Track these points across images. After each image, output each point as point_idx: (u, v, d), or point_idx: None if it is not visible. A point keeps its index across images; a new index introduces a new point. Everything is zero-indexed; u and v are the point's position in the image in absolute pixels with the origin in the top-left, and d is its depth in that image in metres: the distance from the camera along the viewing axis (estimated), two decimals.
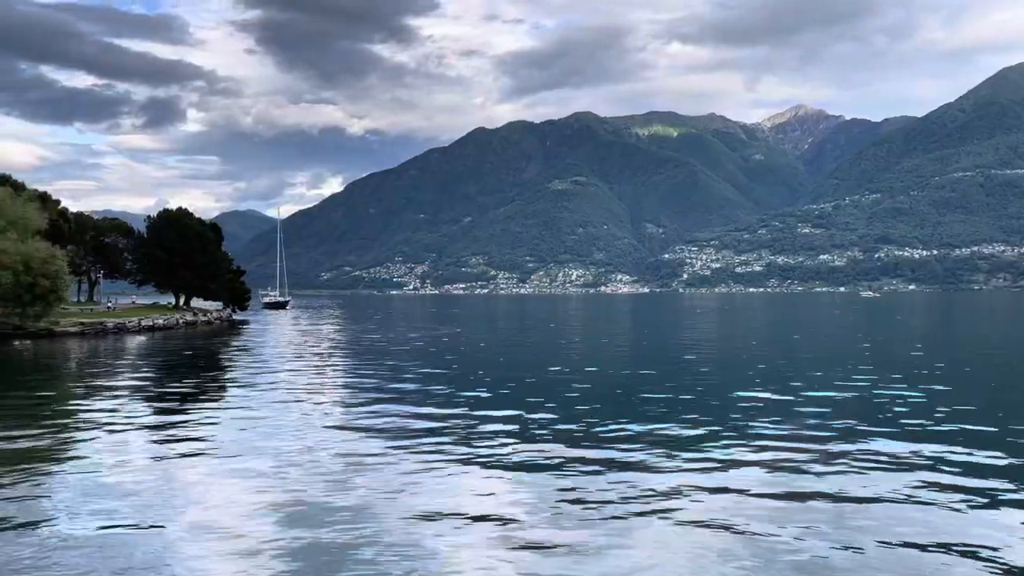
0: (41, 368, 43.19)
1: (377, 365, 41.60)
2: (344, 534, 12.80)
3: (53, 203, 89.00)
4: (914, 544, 12.32)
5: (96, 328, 67.79)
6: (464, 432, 21.67)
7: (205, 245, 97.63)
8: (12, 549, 12.03)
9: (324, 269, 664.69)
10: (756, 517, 13.68)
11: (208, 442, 20.63)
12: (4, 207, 60.37)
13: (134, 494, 15.31)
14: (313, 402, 27.93)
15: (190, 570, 11.33)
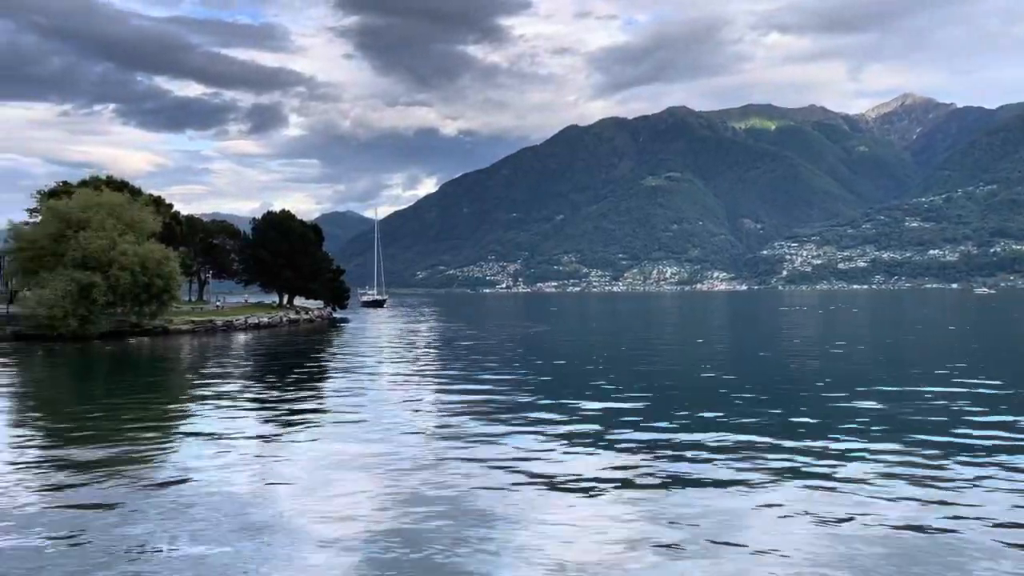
0: (156, 363, 45.64)
1: (473, 360, 42.08)
2: (445, 527, 13.02)
3: (166, 207, 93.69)
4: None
5: (206, 326, 71.05)
6: (568, 427, 21.69)
7: (307, 246, 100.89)
8: (141, 517, 12.77)
9: (419, 268, 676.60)
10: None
11: (311, 435, 21.34)
12: (122, 211, 63.90)
13: (241, 477, 16.01)
14: (414, 398, 28.50)
15: (298, 561, 11.76)
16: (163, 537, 12.50)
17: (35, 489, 15.56)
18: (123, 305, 61.36)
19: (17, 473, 16.96)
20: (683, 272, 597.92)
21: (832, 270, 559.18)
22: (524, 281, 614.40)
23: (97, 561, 11.44)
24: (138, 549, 11.94)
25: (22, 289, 67.35)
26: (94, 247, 58.76)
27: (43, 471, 17.15)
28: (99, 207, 62.34)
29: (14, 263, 65.87)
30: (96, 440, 20.49)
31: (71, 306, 56.34)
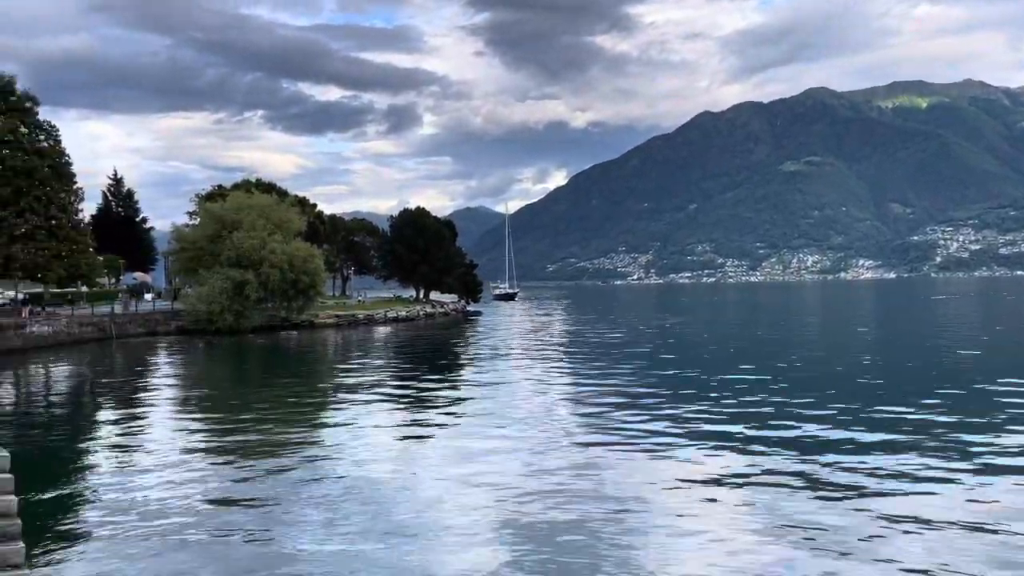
0: (305, 355, 48.19)
1: (606, 352, 41.94)
2: (583, 522, 13.09)
3: (311, 207, 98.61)
4: None
5: (349, 320, 74.30)
6: (709, 423, 21.30)
7: (441, 241, 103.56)
8: (292, 498, 13.58)
9: (550, 261, 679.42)
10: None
11: (451, 426, 21.95)
12: (271, 212, 67.81)
13: (380, 466, 16.69)
14: (548, 390, 28.75)
15: (437, 554, 12.15)
16: (310, 529, 13.20)
17: (194, 478, 16.79)
18: (273, 301, 65.13)
19: (177, 462, 18.35)
20: (825, 261, 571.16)
21: (992, 255, 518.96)
22: (656, 272, 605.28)
23: (247, 555, 12.22)
24: (289, 542, 12.66)
25: (184, 287, 72.69)
26: (246, 246, 62.61)
27: (202, 459, 18.49)
28: (250, 208, 66.37)
29: (177, 263, 71.26)
30: (251, 430, 21.88)
31: (227, 302, 60.30)
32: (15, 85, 57.05)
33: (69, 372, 39.15)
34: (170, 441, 20.46)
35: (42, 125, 58.24)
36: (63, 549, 11.86)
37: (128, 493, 15.05)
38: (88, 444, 20.96)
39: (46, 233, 55.08)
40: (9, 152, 54.21)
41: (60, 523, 13.16)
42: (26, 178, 54.28)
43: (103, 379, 35.66)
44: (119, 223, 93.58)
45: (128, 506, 14.15)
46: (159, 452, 19.00)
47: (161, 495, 14.79)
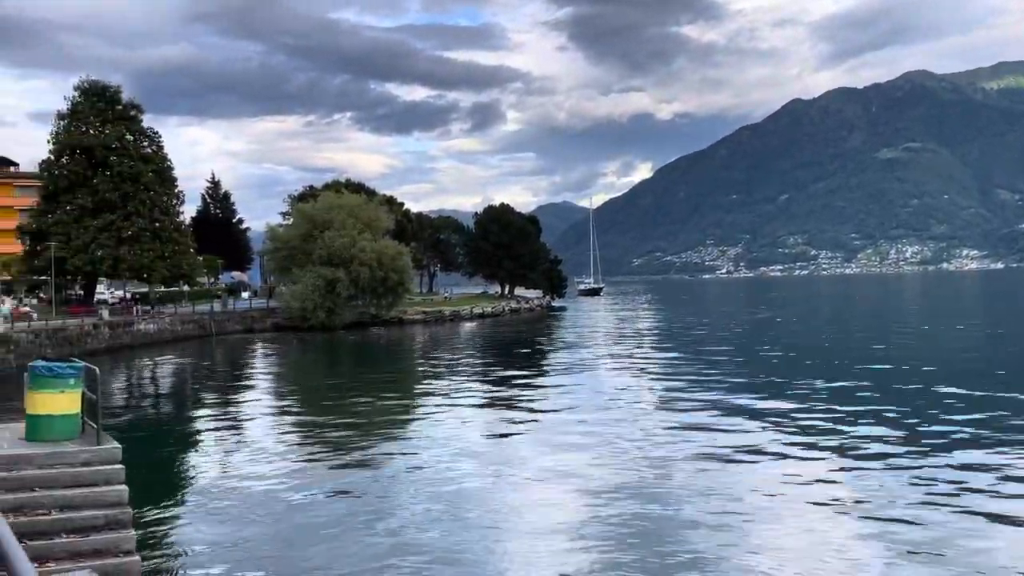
0: (395, 350, 49.19)
1: (692, 349, 41.30)
2: (663, 520, 12.95)
3: (398, 205, 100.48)
4: None
5: (436, 316, 75.39)
6: (790, 421, 20.75)
7: (525, 237, 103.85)
8: (379, 490, 13.92)
9: (635, 255, 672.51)
10: None
11: (535, 421, 22.03)
12: (360, 211, 69.39)
13: (471, 460, 16.89)
14: (634, 385, 28.53)
15: (520, 546, 12.23)
16: (405, 522, 13.47)
17: (292, 470, 17.36)
18: (363, 298, 66.65)
19: (277, 455, 19.01)
20: (926, 251, 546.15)
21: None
22: (746, 265, 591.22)
23: (346, 548, 12.56)
24: (383, 535, 12.96)
25: (279, 285, 75.19)
26: (337, 245, 64.26)
27: (299, 452, 19.10)
28: (340, 208, 68.07)
29: (271, 262, 73.75)
30: (344, 423, 22.47)
31: (319, 299, 62.05)
32: (121, 94, 60.14)
33: (173, 368, 41.06)
34: (269, 435, 21.22)
35: (146, 132, 61.21)
36: (172, 537, 12.46)
37: (230, 483, 15.69)
38: (193, 436, 21.96)
39: (151, 235, 57.87)
40: (116, 159, 57.18)
41: (168, 511, 13.84)
42: (132, 183, 57.17)
43: (205, 374, 37.27)
44: (217, 224, 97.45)
45: (230, 495, 14.76)
46: (259, 445, 19.74)
47: (262, 486, 15.36)
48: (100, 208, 56.44)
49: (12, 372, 32.41)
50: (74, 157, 57.72)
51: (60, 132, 58.51)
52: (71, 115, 58.76)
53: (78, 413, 9.63)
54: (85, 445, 9.21)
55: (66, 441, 9.31)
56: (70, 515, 8.58)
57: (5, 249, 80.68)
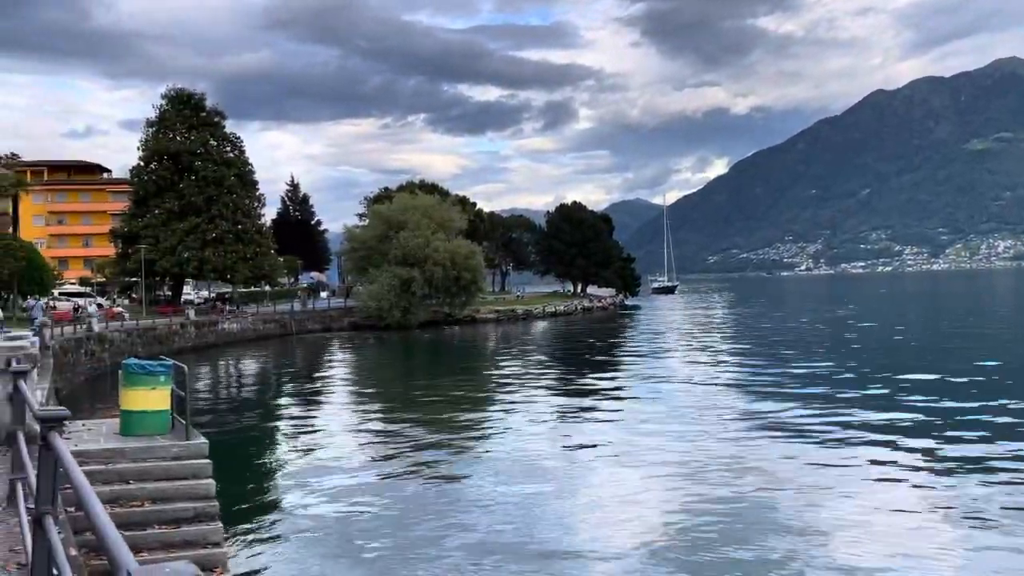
0: (468, 349, 49.61)
1: (771, 348, 40.40)
2: (736, 525, 12.72)
3: (470, 205, 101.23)
4: None
5: (508, 315, 75.73)
6: (872, 427, 20.10)
7: (598, 235, 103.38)
8: (443, 496, 14.07)
9: (710, 253, 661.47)
10: None
11: (609, 421, 21.91)
12: (434, 212, 70.26)
13: (542, 463, 16.90)
14: (710, 385, 28.08)
15: (592, 539, 12.18)
16: (482, 521, 13.58)
17: (370, 467, 17.69)
18: (437, 297, 67.46)
19: (355, 451, 19.41)
20: (1020, 245, 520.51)
21: None
22: (826, 262, 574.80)
23: (423, 547, 12.74)
24: (461, 533, 13.08)
25: (356, 284, 76.73)
26: (412, 245, 65.20)
27: (376, 448, 19.45)
28: (415, 209, 69.05)
29: (349, 262, 75.31)
30: (421, 420, 22.79)
31: (395, 299, 63.05)
32: (205, 101, 62.36)
33: (256, 365, 42.35)
34: (348, 431, 21.68)
35: (228, 137, 63.32)
36: (256, 530, 12.86)
37: (311, 478, 16.11)
38: (274, 432, 22.63)
39: (234, 237, 59.83)
40: (201, 164, 59.34)
41: (252, 504, 14.29)
42: (216, 187, 59.22)
43: (286, 372, 38.33)
44: (296, 226, 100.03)
45: (311, 490, 15.15)
46: (338, 441, 20.20)
47: (341, 482, 15.72)
48: (186, 211, 58.66)
49: (107, 370, 33.97)
50: (162, 163, 60.14)
51: (149, 139, 61.05)
52: (159, 122, 61.23)
53: (168, 409, 10.03)
54: (175, 440, 9.58)
55: (157, 436, 9.71)
56: (162, 507, 8.94)
57: (100, 252, 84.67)
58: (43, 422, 3.82)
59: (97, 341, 36.77)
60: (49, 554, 3.57)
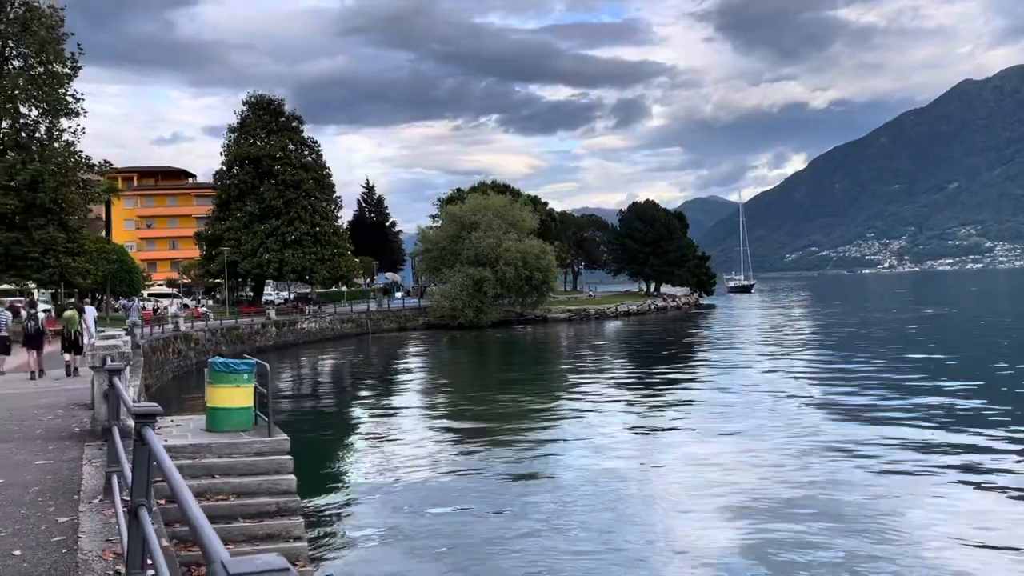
0: (540, 348, 49.65)
1: (853, 349, 39.20)
2: (806, 531, 12.39)
3: (542, 205, 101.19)
4: None
5: (580, 314, 75.47)
6: (952, 434, 19.31)
7: (671, 233, 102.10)
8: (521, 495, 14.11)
9: (788, 251, 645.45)
10: None
11: (683, 424, 21.63)
12: (506, 212, 70.59)
13: (619, 463, 16.79)
14: (789, 388, 27.43)
15: (669, 538, 12.05)
16: (554, 526, 13.59)
17: (445, 464, 17.89)
18: (509, 296, 67.78)
19: (429, 449, 19.66)
20: None
21: None
22: (910, 259, 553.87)
23: (496, 542, 12.82)
24: (535, 533, 13.12)
25: (429, 285, 77.70)
26: (484, 245, 65.66)
27: (451, 446, 19.66)
28: (486, 209, 69.50)
29: (422, 262, 76.30)
30: (493, 420, 22.96)
31: (467, 298, 63.61)
32: (284, 107, 64.09)
33: (334, 364, 43.31)
34: (423, 429, 21.97)
35: (307, 142, 64.92)
36: (334, 524, 13.17)
37: (388, 474, 16.41)
38: (352, 430, 23.10)
39: (312, 239, 61.33)
40: (280, 168, 60.99)
41: (330, 499, 14.63)
42: (295, 190, 60.80)
43: (363, 371, 39.09)
44: (372, 228, 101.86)
45: (388, 485, 15.43)
46: (414, 439, 20.49)
47: (416, 477, 15.96)
48: (266, 214, 60.41)
49: (192, 367, 35.27)
50: (243, 167, 62.09)
51: (231, 144, 63.11)
52: (240, 128, 63.23)
53: (251, 406, 10.37)
54: (258, 436, 9.90)
55: (241, 432, 10.04)
56: (246, 501, 9.24)
57: (186, 254, 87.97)
58: (137, 418, 4.00)
59: (183, 340, 38.20)
60: (144, 544, 3.74)
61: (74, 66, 37.75)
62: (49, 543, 5.21)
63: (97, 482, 6.91)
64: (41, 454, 8.42)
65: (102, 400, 8.89)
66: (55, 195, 36.08)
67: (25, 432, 9.99)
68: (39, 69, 36.93)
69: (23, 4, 36.60)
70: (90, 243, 42.72)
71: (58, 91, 37.07)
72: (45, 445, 9.00)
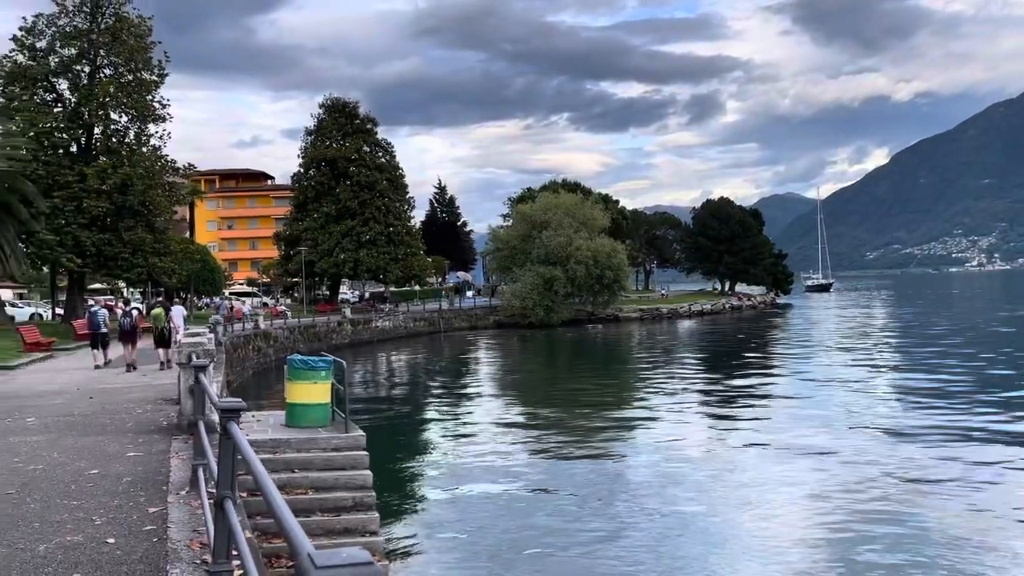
0: (612, 347, 49.32)
1: (936, 352, 37.70)
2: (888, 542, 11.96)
3: (613, 203, 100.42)
4: None
5: (652, 313, 74.65)
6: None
7: (746, 231, 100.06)
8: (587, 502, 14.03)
9: (869, 248, 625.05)
10: None
11: (761, 431, 21.17)
12: (576, 210, 70.32)
13: (690, 467, 16.54)
14: (869, 392, 26.58)
15: (746, 548, 11.81)
16: (628, 527, 13.48)
17: (516, 464, 17.94)
18: (579, 295, 67.53)
19: (501, 449, 19.73)
20: None
21: None
22: (1001, 257, 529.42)
23: (568, 544, 12.79)
24: (605, 536, 13.04)
25: (500, 284, 78.06)
26: (554, 244, 65.59)
27: (523, 445, 19.69)
28: (557, 208, 69.39)
29: (493, 261, 76.73)
30: (564, 420, 22.90)
31: (538, 297, 63.64)
32: (359, 109, 65.34)
33: (407, 362, 43.93)
34: (495, 428, 22.08)
35: (380, 143, 66.04)
36: (408, 520, 13.35)
37: (460, 472, 16.56)
38: (425, 427, 23.39)
39: (386, 239, 62.40)
40: (355, 169, 62.21)
41: (404, 496, 14.84)
42: (369, 191, 61.95)
43: (435, 368, 39.53)
44: (443, 227, 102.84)
45: (460, 483, 15.56)
46: (486, 436, 20.62)
47: (488, 476, 16.05)
48: (342, 215, 61.71)
49: (271, 364, 36.27)
50: (320, 169, 63.56)
51: (307, 147, 64.70)
52: (316, 131, 64.76)
53: (329, 403, 10.60)
54: (335, 432, 10.11)
55: (319, 428, 10.28)
56: (324, 496, 9.46)
57: (265, 254, 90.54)
58: (223, 413, 4.12)
59: (263, 338, 39.32)
60: (229, 535, 3.86)
61: (161, 73, 39.30)
62: (140, 532, 5.42)
63: (184, 474, 7.16)
64: (132, 447, 8.79)
65: (188, 395, 9.21)
66: (143, 198, 37.64)
67: (117, 425, 10.44)
68: (128, 77, 38.58)
69: (113, 14, 38.26)
70: (175, 243, 44.39)
71: (146, 98, 38.66)
72: (135, 438, 9.39)
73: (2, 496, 6.51)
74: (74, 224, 36.12)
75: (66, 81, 38.55)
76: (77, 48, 38.09)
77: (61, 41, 37.91)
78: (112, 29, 37.89)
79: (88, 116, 38.02)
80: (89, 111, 37.82)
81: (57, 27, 37.88)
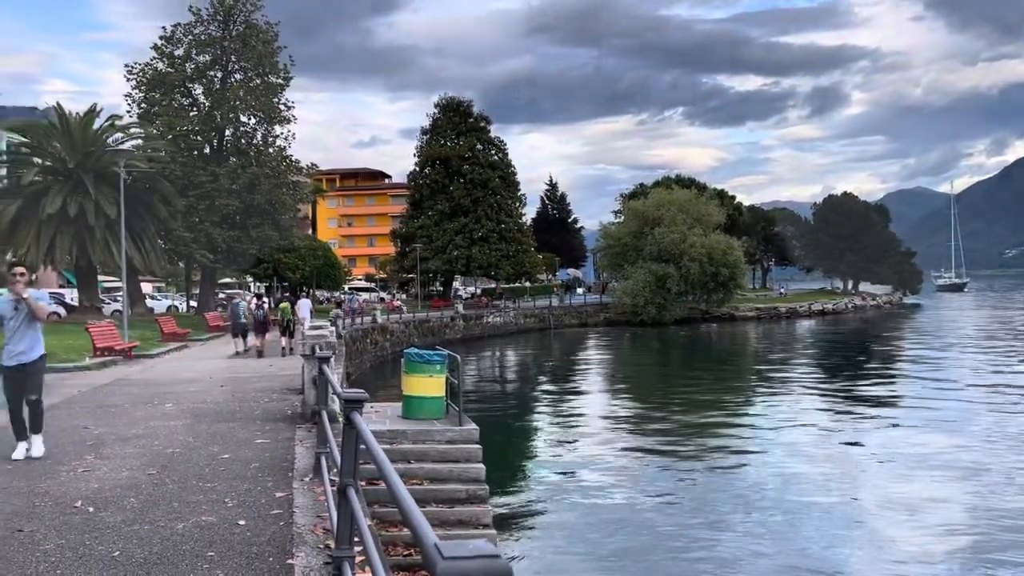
0: (727, 347, 48.11)
1: None
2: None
3: (729, 199, 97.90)
4: None
5: (770, 313, 72.34)
6: None
7: (870, 227, 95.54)
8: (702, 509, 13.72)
9: (1009, 246, 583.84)
10: None
11: (880, 429, 20.19)
12: (690, 206, 68.91)
13: (805, 470, 15.92)
14: (1006, 399, 24.88)
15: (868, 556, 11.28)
16: (740, 533, 13.12)
17: (626, 464, 17.77)
18: (693, 293, 66.21)
19: (610, 448, 19.60)
20: None
21: None
22: None
23: (678, 545, 12.56)
24: (717, 542, 12.74)
25: (611, 281, 77.51)
26: (667, 241, 64.53)
27: (632, 446, 19.49)
28: (670, 204, 68.23)
29: (604, 258, 76.27)
30: (676, 422, 22.51)
31: (649, 295, 62.80)
32: (472, 108, 66.31)
33: (518, 357, 44.28)
34: (605, 428, 21.95)
35: (493, 141, 66.82)
36: (519, 514, 13.45)
37: (570, 468, 16.57)
38: (535, 423, 23.51)
39: (497, 236, 63.14)
40: (469, 167, 63.20)
41: (515, 490, 14.96)
42: (482, 189, 62.83)
43: (545, 365, 39.67)
44: (554, 224, 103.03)
45: (570, 479, 15.57)
46: (596, 434, 20.54)
47: (598, 473, 16.00)
48: (455, 212, 62.84)
49: (387, 357, 37.32)
50: (434, 167, 64.94)
51: (423, 146, 66.19)
52: (431, 130, 66.19)
53: (443, 396, 10.79)
54: (449, 425, 10.28)
55: (434, 420, 10.47)
56: (438, 487, 9.63)
57: (382, 251, 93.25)
58: (346, 403, 4.24)
59: (380, 331, 40.52)
60: (351, 522, 3.97)
61: (286, 76, 41.11)
62: (268, 515, 5.68)
63: (307, 461, 7.45)
64: (260, 434, 9.23)
65: (311, 386, 9.57)
66: (269, 196, 39.48)
67: (246, 413, 10.98)
68: (257, 81, 40.54)
69: (244, 22, 40.28)
70: (299, 240, 46.35)
71: (272, 100, 40.53)
72: (263, 425, 9.85)
73: (145, 477, 6.96)
74: (207, 222, 38.27)
75: (200, 86, 40.89)
76: (211, 55, 40.34)
77: (196, 48, 40.24)
78: (242, 36, 39.89)
79: (220, 119, 40.20)
80: (221, 114, 39.98)
81: (193, 35, 40.23)
